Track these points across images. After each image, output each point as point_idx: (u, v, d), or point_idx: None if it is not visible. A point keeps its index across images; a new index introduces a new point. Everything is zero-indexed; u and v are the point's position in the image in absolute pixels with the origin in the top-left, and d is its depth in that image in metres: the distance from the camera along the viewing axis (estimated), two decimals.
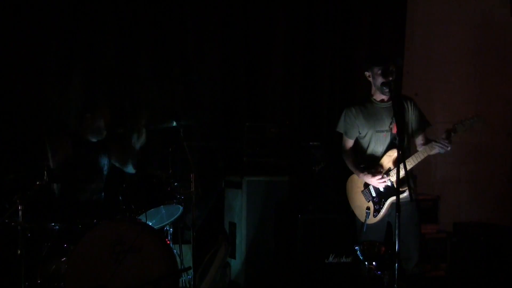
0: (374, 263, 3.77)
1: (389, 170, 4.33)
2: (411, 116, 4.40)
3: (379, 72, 4.26)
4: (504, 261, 5.71)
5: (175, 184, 4.60)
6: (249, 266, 5.21)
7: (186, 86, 5.62)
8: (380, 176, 4.30)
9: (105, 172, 4.76)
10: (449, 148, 4.18)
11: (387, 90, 4.18)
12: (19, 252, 3.91)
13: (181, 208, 4.64)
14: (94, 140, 4.71)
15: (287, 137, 5.55)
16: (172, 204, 4.61)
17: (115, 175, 4.85)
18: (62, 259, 4.08)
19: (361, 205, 4.45)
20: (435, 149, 4.21)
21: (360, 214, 4.45)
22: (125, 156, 4.76)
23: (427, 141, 4.38)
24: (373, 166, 4.37)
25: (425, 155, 4.26)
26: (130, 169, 4.78)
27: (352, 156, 4.52)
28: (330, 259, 4.92)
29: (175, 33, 5.60)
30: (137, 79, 5.47)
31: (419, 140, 4.44)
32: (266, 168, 5.42)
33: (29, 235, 4.06)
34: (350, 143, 4.53)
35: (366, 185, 4.43)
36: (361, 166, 4.44)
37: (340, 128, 4.55)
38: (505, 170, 7.02)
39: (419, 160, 4.27)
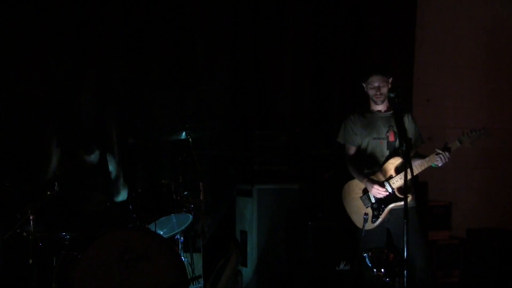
0: (382, 270, 3.76)
1: (391, 177, 4.36)
2: (408, 129, 4.43)
3: (368, 86, 4.46)
4: None
5: (185, 193, 4.63)
6: (260, 274, 5.21)
7: (197, 95, 5.64)
8: (379, 186, 4.34)
9: (112, 177, 4.81)
10: (447, 161, 4.25)
11: (374, 101, 4.45)
12: (30, 262, 3.96)
13: (191, 216, 4.66)
14: None
15: (297, 145, 5.55)
16: (182, 213, 4.63)
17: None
18: (72, 268, 4.10)
19: (358, 211, 4.47)
20: (437, 161, 4.26)
21: (358, 220, 4.46)
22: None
23: (416, 155, 4.44)
24: (377, 171, 4.42)
25: (426, 165, 4.33)
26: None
27: (354, 162, 4.55)
28: (341, 266, 4.91)
29: (185, 43, 5.62)
30: (148, 88, 5.50)
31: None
32: (277, 176, 5.42)
33: (40, 244, 4.10)
34: (352, 150, 4.57)
35: (365, 191, 4.45)
36: (365, 171, 4.48)
37: (340, 138, 4.63)
38: None
39: (420, 170, 4.34)
